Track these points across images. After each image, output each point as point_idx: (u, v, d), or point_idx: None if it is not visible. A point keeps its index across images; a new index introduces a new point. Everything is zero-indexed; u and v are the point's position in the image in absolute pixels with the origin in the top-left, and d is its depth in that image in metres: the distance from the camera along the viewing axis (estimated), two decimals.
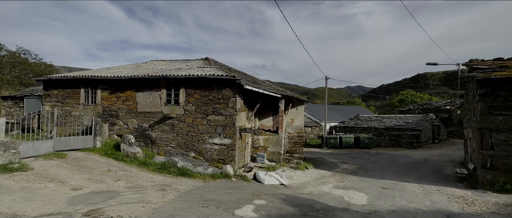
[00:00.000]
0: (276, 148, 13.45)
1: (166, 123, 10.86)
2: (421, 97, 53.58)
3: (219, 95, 10.24)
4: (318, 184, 10.06)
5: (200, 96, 10.47)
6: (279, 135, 13.39)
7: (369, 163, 15.97)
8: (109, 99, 11.73)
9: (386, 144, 24.74)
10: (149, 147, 11.05)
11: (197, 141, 10.48)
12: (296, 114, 16.40)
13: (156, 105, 10.99)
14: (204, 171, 9.59)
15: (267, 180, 9.43)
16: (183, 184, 8.37)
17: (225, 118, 10.17)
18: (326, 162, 16.34)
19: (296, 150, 14.25)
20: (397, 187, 9.85)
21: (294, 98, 14.25)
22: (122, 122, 11.50)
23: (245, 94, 11.30)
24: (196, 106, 10.51)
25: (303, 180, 10.75)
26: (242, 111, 11.00)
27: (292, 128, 16.46)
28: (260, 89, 10.52)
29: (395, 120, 27.70)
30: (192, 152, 10.48)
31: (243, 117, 11.28)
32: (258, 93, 11.69)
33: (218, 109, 10.25)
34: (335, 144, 23.95)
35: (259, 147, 13.76)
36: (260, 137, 13.77)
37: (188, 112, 10.61)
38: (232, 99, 10.09)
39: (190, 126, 10.58)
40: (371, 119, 29.93)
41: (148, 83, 11.05)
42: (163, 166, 9.64)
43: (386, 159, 17.21)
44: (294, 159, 13.82)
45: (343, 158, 17.75)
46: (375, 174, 12.64)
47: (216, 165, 10.03)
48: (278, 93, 12.03)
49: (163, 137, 10.90)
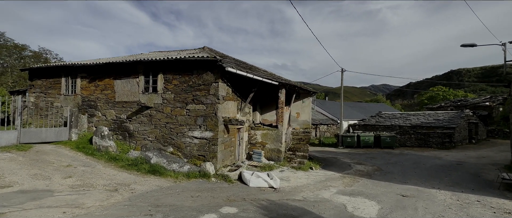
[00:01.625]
0: (275, 145, 11.66)
1: (144, 113, 9.54)
2: (454, 94, 48.39)
3: (199, 80, 8.71)
4: (319, 188, 8.17)
5: (179, 83, 9.01)
6: (279, 130, 11.59)
7: (389, 164, 13.60)
8: (88, 88, 10.69)
9: (412, 143, 21.79)
10: (127, 141, 9.81)
11: (175, 134, 9.04)
12: (303, 107, 14.45)
13: (134, 93, 9.73)
14: (179, 169, 8.11)
15: (252, 182, 7.73)
16: (146, 184, 6.93)
17: (206, 107, 8.62)
18: (338, 162, 14.21)
19: (300, 147, 12.36)
20: (421, 195, 7.69)
21: (297, 88, 12.34)
22: (100, 113, 10.40)
23: (234, 81, 9.69)
24: (175, 93, 9.07)
25: (302, 182, 8.89)
26: (229, 100, 9.37)
27: (298, 123, 14.54)
28: (249, 74, 8.83)
29: (423, 117, 24.51)
30: (171, 147, 9.05)
31: (232, 107, 9.66)
32: (253, 81, 10.03)
33: (198, 96, 8.72)
34: (352, 143, 21.51)
35: (256, 143, 12.06)
36: (257, 132, 12.06)
37: (166, 101, 9.20)
38: (213, 85, 8.51)
39: (168, 117, 9.17)
40: (395, 116, 26.89)
41: (125, 69, 9.83)
42: (135, 162, 8.30)
43: (411, 161, 14.66)
44: (296, 158, 11.93)
45: (359, 159, 15.46)
46: (395, 177, 10.42)
47: (195, 162, 8.51)
48: (274, 80, 10.24)
49: (141, 129, 9.61)
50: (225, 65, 7.95)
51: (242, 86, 10.57)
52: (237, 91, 10.31)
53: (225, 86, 8.89)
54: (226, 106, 9.10)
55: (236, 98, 10.28)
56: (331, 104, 37.84)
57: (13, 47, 34.26)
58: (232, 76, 9.24)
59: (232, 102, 9.68)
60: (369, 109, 38.92)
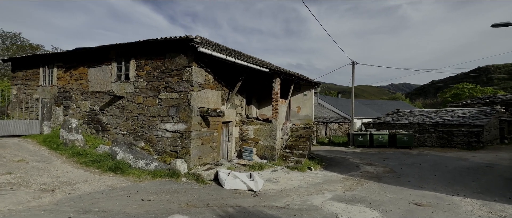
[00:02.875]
0: (269, 142, 10.30)
1: (116, 104, 8.54)
2: (482, 91, 44.38)
3: (172, 65, 7.55)
4: (310, 193, 6.74)
5: (151, 68, 7.90)
6: (273, 124, 10.22)
7: (404, 165, 11.81)
8: (63, 78, 9.88)
9: (433, 143, 19.54)
10: (100, 135, 8.86)
11: (147, 127, 7.94)
12: (304, 100, 12.97)
13: (107, 83, 8.76)
14: (145, 167, 6.98)
15: (228, 183, 6.43)
16: (96, 184, 5.84)
17: (179, 95, 7.44)
18: (345, 163, 12.58)
19: (299, 145, 10.90)
20: (441, 203, 6.08)
21: (294, 77, 10.87)
22: (75, 105, 9.54)
23: (217, 68, 8.46)
24: (147, 81, 7.97)
25: (293, 185, 7.49)
26: (209, 88, 8.14)
27: (299, 119, 13.07)
28: (229, 57, 7.54)
29: (446, 115, 22.08)
30: (142, 142, 7.96)
31: (213, 97, 8.41)
32: (240, 68, 8.78)
33: (171, 84, 7.56)
34: (364, 142, 19.62)
35: (248, 140, 10.76)
36: (249, 127, 10.76)
37: (138, 90, 8.13)
38: (186, 70, 7.31)
39: (140, 107, 8.09)
40: (414, 114, 24.56)
41: (98, 56, 8.88)
42: (99, 158, 7.28)
43: (430, 162, 12.74)
44: (293, 156, 10.49)
45: (370, 159, 13.71)
46: (409, 181, 8.74)
47: (165, 159, 7.35)
48: (264, 66, 8.89)
49: (113, 122, 8.61)
50: (197, 46, 6.72)
51: (229, 74, 9.32)
52: (223, 80, 9.07)
53: (202, 72, 7.66)
54: (205, 95, 7.87)
55: (221, 88, 9.03)
56: (344, 101, 35.69)
57: (29, 47, 35.40)
58: (214, 62, 8.02)
59: (214, 91, 8.44)
60: (385, 107, 36.38)
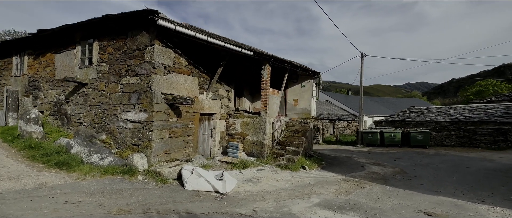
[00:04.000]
0: (257, 137, 9.06)
1: (80, 92, 7.59)
2: (508, 88, 40.94)
3: (134, 44, 6.48)
4: (293, 196, 5.45)
5: (113, 50, 6.88)
6: (261, 117, 8.98)
7: (417, 166, 10.22)
8: (33, 66, 9.09)
9: (452, 142, 17.55)
10: (65, 126, 7.95)
11: (109, 117, 6.92)
12: (301, 92, 11.61)
13: (72, 69, 7.83)
14: (98, 162, 5.94)
15: (190, 183, 5.26)
16: (25, 181, 4.84)
17: (140, 80, 6.35)
18: (349, 162, 11.11)
19: (293, 141, 9.59)
20: (461, 213, 4.66)
21: (286, 63, 9.52)
22: (43, 95, 8.70)
23: (193, 50, 7.35)
24: (110, 64, 6.95)
25: (276, 186, 6.22)
26: (180, 73, 7.00)
27: (296, 112, 11.73)
28: (199, 34, 6.37)
29: (467, 111, 19.93)
30: (104, 134, 6.94)
31: (186, 84, 7.25)
32: (225, 52, 7.64)
33: (133, 66, 6.50)
34: (374, 141, 17.95)
35: (235, 134, 9.57)
36: (236, 120, 9.56)
37: (101, 75, 7.13)
38: (148, 49, 6.21)
39: (102, 95, 7.08)
40: (431, 111, 22.46)
41: (64, 39, 7.98)
42: (51, 152, 6.33)
43: (449, 162, 11.05)
44: (286, 153, 9.18)
45: (378, 159, 12.15)
46: (422, 184, 7.25)
47: (124, 153, 6.28)
48: (246, 49, 7.65)
49: (77, 112, 7.66)
50: (156, 18, 5.59)
51: (210, 60, 8.17)
52: (202, 66, 7.94)
53: (168, 52, 6.54)
54: (173, 80, 6.75)
55: (200, 75, 7.90)
56: (354, 99, 33.78)
57: None
58: (188, 43, 6.92)
59: (188, 77, 7.30)
60: (399, 104, 34.14)
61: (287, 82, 11.78)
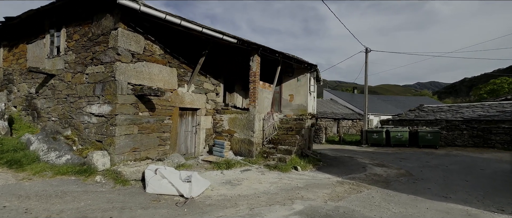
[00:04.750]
0: (246, 134, 8.27)
1: (49, 84, 6.97)
2: None
3: (98, 29, 5.80)
4: (274, 202, 4.65)
5: (80, 37, 6.22)
6: (250, 113, 8.19)
7: (425, 168, 9.23)
8: (7, 58, 8.58)
9: (464, 142, 16.32)
10: (36, 122, 7.35)
11: (75, 111, 6.26)
12: (297, 87, 10.75)
13: (41, 59, 7.24)
14: (55, 160, 5.28)
15: (151, 185, 4.52)
16: None
17: (105, 68, 5.66)
18: (350, 163, 10.19)
19: (286, 139, 8.76)
20: None
21: (278, 54, 8.67)
22: (16, 88, 8.16)
23: (168, 37, 6.63)
24: (76, 53, 6.30)
25: (257, 190, 5.42)
26: (152, 61, 6.27)
27: (291, 108, 10.88)
28: (169, 17, 5.62)
29: (481, 109, 18.60)
30: (70, 129, 6.29)
31: (161, 74, 6.52)
32: (208, 40, 6.91)
33: (97, 54, 5.81)
34: (379, 141, 16.90)
35: (222, 132, 8.81)
36: (224, 116, 8.80)
37: (68, 65, 6.49)
38: (112, 33, 5.51)
39: (69, 87, 6.44)
40: (441, 109, 21.17)
41: (34, 28, 7.40)
42: (8, 149, 5.70)
43: (461, 164, 10.00)
44: (277, 152, 8.35)
45: (382, 159, 11.17)
46: (429, 188, 6.33)
47: (86, 150, 5.59)
48: (228, 36, 6.86)
49: (46, 106, 7.05)
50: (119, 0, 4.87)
51: (191, 49, 7.44)
52: (182, 56, 7.21)
53: (137, 38, 5.83)
54: (144, 69, 6.03)
55: (179, 65, 7.17)
56: (359, 97, 32.53)
57: None
58: (163, 30, 6.21)
59: (163, 67, 6.57)
60: (407, 103, 32.72)
61: (282, 76, 10.96)
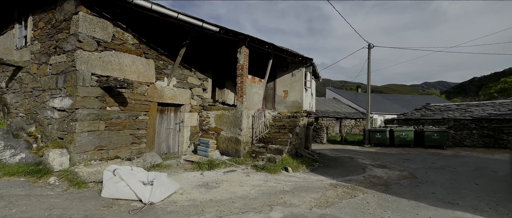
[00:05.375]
0: (233, 133, 7.65)
1: (16, 77, 6.48)
2: None
3: (61, 14, 5.26)
4: (248, 209, 4.01)
5: (44, 24, 5.70)
6: (237, 109, 7.57)
7: (430, 170, 8.46)
8: None
9: (473, 142, 15.38)
10: (5, 118, 6.86)
11: (39, 106, 5.73)
12: (292, 83, 10.08)
13: (11, 51, 6.74)
14: (8, 159, 4.74)
15: (107, 189, 3.92)
16: None
17: (66, 57, 5.10)
18: (349, 163, 9.47)
19: (278, 138, 8.10)
20: None
21: (268, 46, 7.99)
22: None
23: (144, 25, 6.05)
24: (41, 42, 5.77)
25: (235, 194, 4.79)
26: (123, 51, 5.68)
27: (286, 106, 10.20)
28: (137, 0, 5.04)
29: (492, 108, 17.60)
30: (34, 125, 5.76)
31: (135, 66, 5.92)
32: (192, 29, 6.31)
33: (60, 41, 5.27)
34: (382, 141, 16.07)
35: (209, 130, 8.20)
36: (210, 113, 8.20)
37: (34, 56, 5.97)
38: (74, 18, 4.95)
39: (34, 79, 5.92)
40: (449, 108, 20.19)
41: (4, 18, 6.91)
42: None
43: (470, 165, 9.18)
44: (267, 152, 7.70)
45: (385, 160, 10.41)
46: (433, 192, 5.61)
47: (42, 149, 5.03)
48: (209, 23, 6.23)
49: (14, 101, 6.56)
50: None
51: (172, 40, 6.86)
52: (160, 46, 6.63)
53: (103, 24, 5.25)
54: (113, 59, 5.45)
55: (157, 57, 6.58)
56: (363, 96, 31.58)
57: None
58: (137, 17, 5.64)
59: (137, 57, 5.99)
60: (413, 102, 31.63)
61: (276, 71, 10.31)
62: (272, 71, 10.26)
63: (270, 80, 10.33)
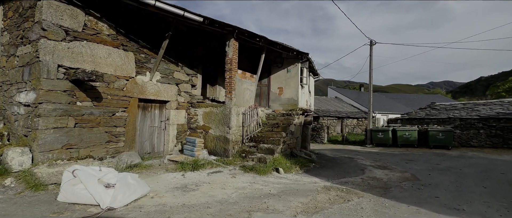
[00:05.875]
0: (221, 131, 7.18)
1: None
2: None
3: (27, 2, 4.85)
4: (222, 216, 3.53)
5: (13, 13, 5.32)
6: (226, 106, 7.10)
7: (434, 171, 7.89)
8: None
9: (481, 142, 14.67)
10: None
11: (8, 101, 5.34)
12: (287, 79, 9.57)
13: None
14: None
15: (64, 193, 3.48)
16: None
17: (32, 48, 4.68)
18: (348, 164, 8.94)
19: (270, 137, 7.61)
20: None
21: (259, 39, 7.48)
22: None
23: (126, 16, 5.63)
24: (10, 32, 5.38)
25: (212, 198, 4.31)
26: (96, 41, 5.25)
27: (281, 103, 9.71)
28: None
29: (500, 107, 16.85)
30: (3, 122, 5.36)
31: (111, 58, 5.48)
32: (171, 18, 5.89)
33: (26, 31, 4.86)
34: (385, 140, 15.47)
35: (197, 128, 7.75)
36: (198, 110, 7.75)
37: (3, 48, 5.59)
38: (38, 4, 4.53)
39: (3, 73, 5.53)
40: (455, 107, 19.45)
41: None
42: None
43: (477, 167, 8.57)
44: (258, 152, 7.21)
45: (387, 161, 9.85)
46: (437, 196, 5.08)
47: (2, 147, 4.62)
48: (191, 12, 5.77)
49: None
50: None
51: (155, 32, 6.43)
52: (142, 39, 6.20)
53: (73, 11, 4.83)
54: (85, 50, 5.02)
55: (138, 50, 6.15)
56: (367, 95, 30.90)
57: None
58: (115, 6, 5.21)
59: (114, 49, 5.56)
60: (418, 101, 30.81)
61: (271, 67, 9.82)
62: (266, 67, 9.78)
63: (264, 76, 9.85)
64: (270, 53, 9.17)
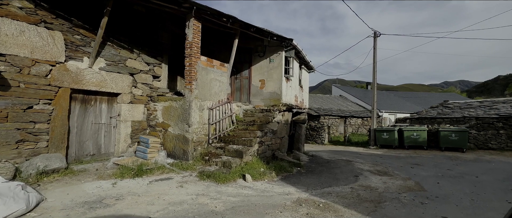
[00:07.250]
0: (181, 129, 5.99)
1: None
2: None
3: None
4: None
5: None
6: (185, 100, 5.91)
7: (444, 178, 6.46)
8: None
9: (501, 144, 12.89)
10: None
11: None
12: (269, 70, 8.29)
13: None
14: None
15: None
16: None
17: None
18: (343, 169, 7.56)
19: (242, 136, 6.35)
20: None
21: (227, 19, 6.19)
22: None
23: None
24: None
25: None
26: (5, 15, 4.17)
27: (262, 98, 8.42)
28: None
29: None
30: None
31: (26, 37, 4.36)
32: None
33: None
34: (390, 141, 13.91)
35: (156, 125, 6.59)
36: (158, 105, 6.58)
37: None
38: None
39: None
40: (471, 105, 17.59)
41: None
42: None
43: (497, 173, 7.05)
44: (224, 154, 5.97)
45: (388, 165, 8.41)
46: (445, 216, 3.71)
47: None
48: None
49: None
50: None
51: (96, 9, 5.32)
52: (75, 16, 5.10)
53: None
54: None
55: (71, 29, 5.06)
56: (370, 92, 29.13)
57: None
58: None
59: (30, 26, 4.45)
60: (429, 100, 28.77)
61: (252, 57, 8.57)
62: (247, 56, 8.54)
63: (245, 67, 8.61)
64: (252, 40, 7.93)
